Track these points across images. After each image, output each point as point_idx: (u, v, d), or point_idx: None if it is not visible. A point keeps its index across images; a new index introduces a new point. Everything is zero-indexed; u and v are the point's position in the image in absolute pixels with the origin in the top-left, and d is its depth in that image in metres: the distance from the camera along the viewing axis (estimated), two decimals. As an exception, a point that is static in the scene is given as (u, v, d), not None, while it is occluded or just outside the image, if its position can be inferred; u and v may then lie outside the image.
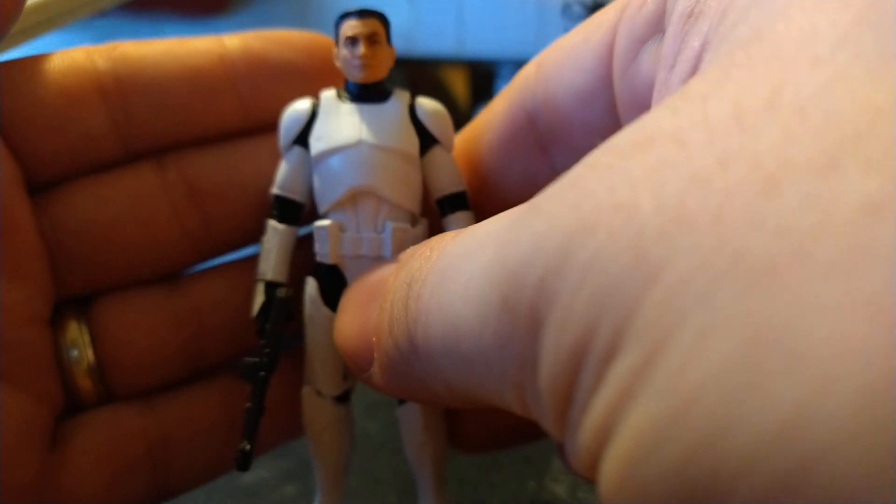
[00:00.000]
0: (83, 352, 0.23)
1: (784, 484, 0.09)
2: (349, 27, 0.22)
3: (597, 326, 0.12)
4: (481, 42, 0.36)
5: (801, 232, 0.10)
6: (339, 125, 0.22)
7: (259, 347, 0.22)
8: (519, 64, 0.24)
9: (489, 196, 0.24)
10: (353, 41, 0.22)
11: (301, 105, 0.23)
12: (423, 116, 0.22)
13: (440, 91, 0.41)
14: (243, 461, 0.22)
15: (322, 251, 0.22)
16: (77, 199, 0.23)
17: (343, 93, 0.23)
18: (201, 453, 0.24)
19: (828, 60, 0.11)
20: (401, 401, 0.23)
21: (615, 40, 0.20)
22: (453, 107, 0.37)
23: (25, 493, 0.21)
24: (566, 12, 0.34)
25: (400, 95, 0.23)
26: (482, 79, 0.40)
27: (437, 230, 0.22)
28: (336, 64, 0.23)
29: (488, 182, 0.24)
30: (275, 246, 0.23)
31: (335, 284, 0.22)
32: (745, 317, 0.10)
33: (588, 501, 0.29)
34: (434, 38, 0.36)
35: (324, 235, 0.22)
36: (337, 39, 0.22)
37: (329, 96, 0.23)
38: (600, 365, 0.12)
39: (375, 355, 0.19)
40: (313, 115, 0.23)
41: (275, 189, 0.23)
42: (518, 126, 0.23)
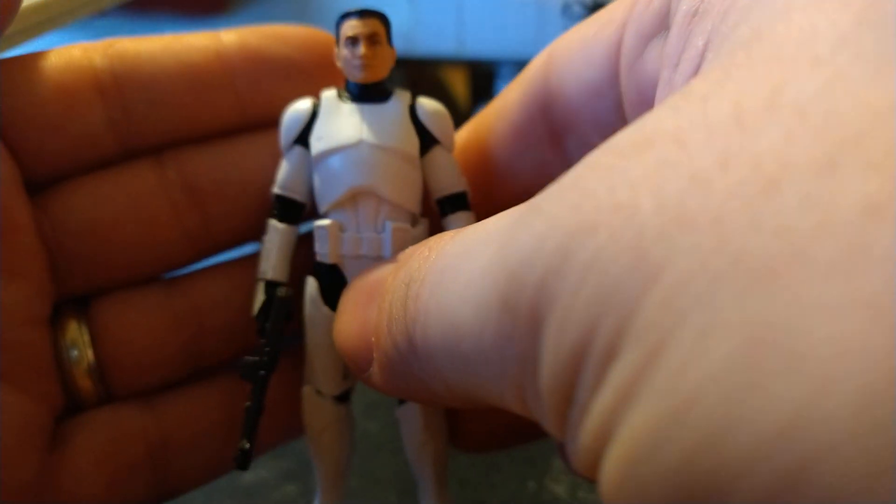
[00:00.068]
0: (83, 352, 0.23)
1: (784, 484, 0.09)
2: (350, 27, 0.22)
3: (597, 326, 0.12)
4: (481, 42, 0.36)
5: (802, 232, 0.10)
6: (340, 125, 0.22)
7: (259, 347, 0.22)
8: (519, 64, 0.24)
9: (501, 186, 0.24)
10: (354, 41, 0.22)
11: (302, 105, 0.23)
12: (424, 116, 0.22)
13: (440, 91, 0.41)
14: (243, 460, 0.22)
15: (322, 251, 0.22)
16: (76, 198, 0.23)
17: (344, 93, 0.23)
18: (201, 453, 0.24)
19: (828, 61, 0.11)
20: (401, 401, 0.23)
21: (623, 37, 0.20)
22: (453, 107, 0.37)
23: (25, 493, 0.21)
24: (566, 12, 0.34)
25: (401, 95, 0.23)
26: (482, 79, 0.40)
27: (438, 230, 0.22)
28: (337, 64, 0.23)
29: (501, 172, 0.24)
30: (275, 245, 0.23)
31: (335, 284, 0.22)
32: (745, 317, 0.10)
33: (588, 501, 0.29)
34: (434, 38, 0.36)
35: (323, 235, 0.22)
36: (337, 39, 0.22)
37: (330, 96, 0.23)
38: (601, 365, 0.12)
39: (374, 355, 0.19)
40: (314, 115, 0.23)
41: (276, 189, 0.23)
42: (531, 116, 0.23)
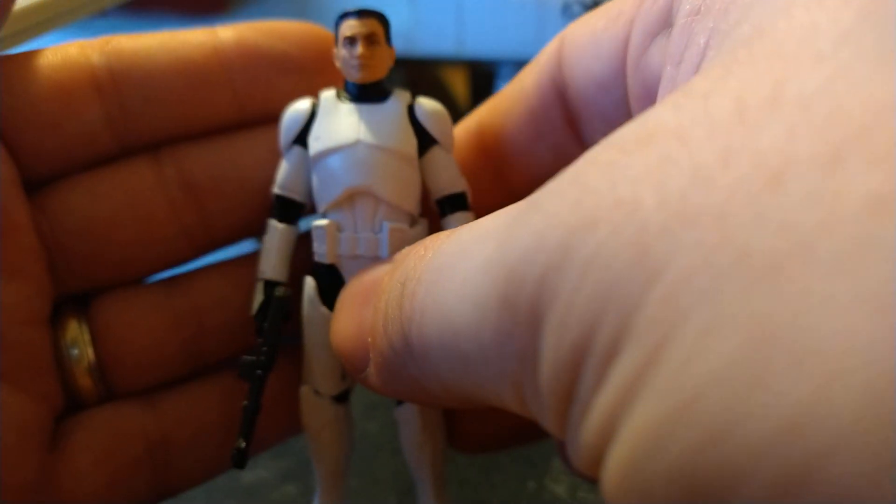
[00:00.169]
0: (83, 351, 0.23)
1: (790, 481, 0.09)
2: (348, 27, 0.22)
3: (599, 323, 0.11)
4: (481, 42, 0.36)
5: (806, 228, 0.10)
6: (338, 125, 0.22)
7: (257, 346, 0.22)
8: (519, 64, 0.24)
9: (518, 170, 0.24)
10: (352, 41, 0.22)
11: (301, 105, 0.23)
12: (422, 117, 0.22)
13: (440, 91, 0.41)
14: (239, 459, 0.22)
15: (320, 251, 0.22)
16: (74, 196, 0.23)
17: (342, 93, 0.23)
18: (201, 452, 0.24)
19: (830, 56, 0.11)
20: (399, 401, 0.23)
21: (631, 32, 0.20)
22: (453, 107, 0.37)
23: (25, 493, 0.21)
24: (566, 12, 0.34)
25: (400, 95, 0.23)
26: (482, 79, 0.40)
27: (437, 231, 0.22)
28: (336, 64, 0.23)
29: (518, 156, 0.24)
30: (274, 245, 0.23)
31: (333, 284, 0.22)
32: (750, 313, 0.10)
33: (588, 501, 0.29)
34: (434, 38, 0.36)
35: (321, 235, 0.22)
36: (336, 39, 0.22)
37: (328, 96, 0.23)
38: (603, 362, 0.12)
39: (371, 356, 0.19)
40: (312, 115, 0.23)
41: (275, 189, 0.23)
42: (547, 101, 0.23)
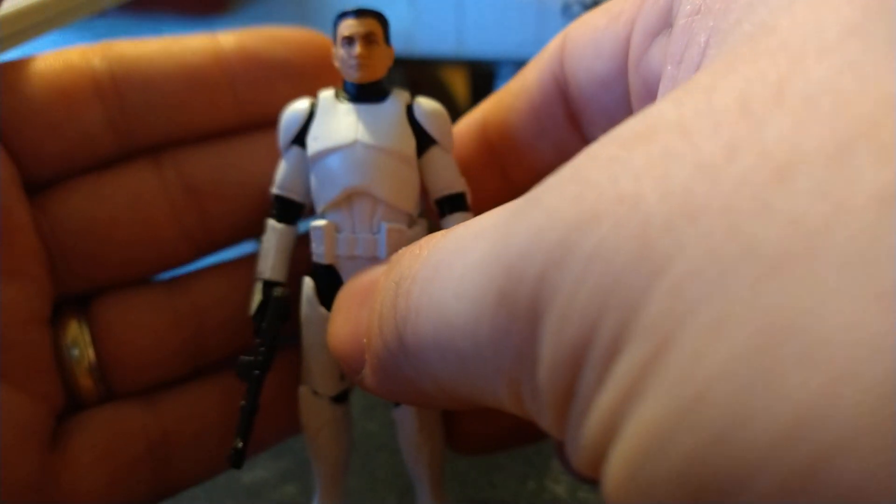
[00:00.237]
0: (84, 351, 0.23)
1: (799, 480, 0.09)
2: (346, 27, 0.22)
3: (601, 319, 0.11)
4: (481, 42, 0.36)
5: (814, 221, 0.10)
6: (336, 125, 0.22)
7: (255, 346, 0.22)
8: (519, 64, 0.24)
9: (522, 164, 0.24)
10: (350, 41, 0.22)
11: (299, 105, 0.23)
12: (421, 117, 0.22)
13: (440, 91, 0.40)
14: (236, 458, 0.22)
15: (318, 251, 0.22)
16: (75, 198, 0.23)
17: (341, 93, 0.23)
18: (201, 451, 0.24)
19: (836, 50, 0.11)
20: (396, 402, 0.23)
21: (632, 31, 0.19)
22: (453, 107, 0.37)
23: (26, 492, 0.21)
24: (566, 12, 0.34)
25: (399, 95, 0.22)
26: (482, 79, 0.40)
27: (436, 231, 0.22)
28: (334, 64, 0.23)
29: (521, 150, 0.24)
30: (273, 245, 0.23)
31: (332, 285, 0.22)
32: (759, 307, 0.10)
33: (588, 501, 0.29)
34: (434, 38, 0.36)
35: (319, 236, 0.22)
36: (335, 39, 0.22)
37: (327, 96, 0.23)
38: (605, 359, 0.11)
39: (367, 357, 0.19)
40: (311, 115, 0.23)
41: (274, 189, 0.23)
42: (550, 97, 0.23)
